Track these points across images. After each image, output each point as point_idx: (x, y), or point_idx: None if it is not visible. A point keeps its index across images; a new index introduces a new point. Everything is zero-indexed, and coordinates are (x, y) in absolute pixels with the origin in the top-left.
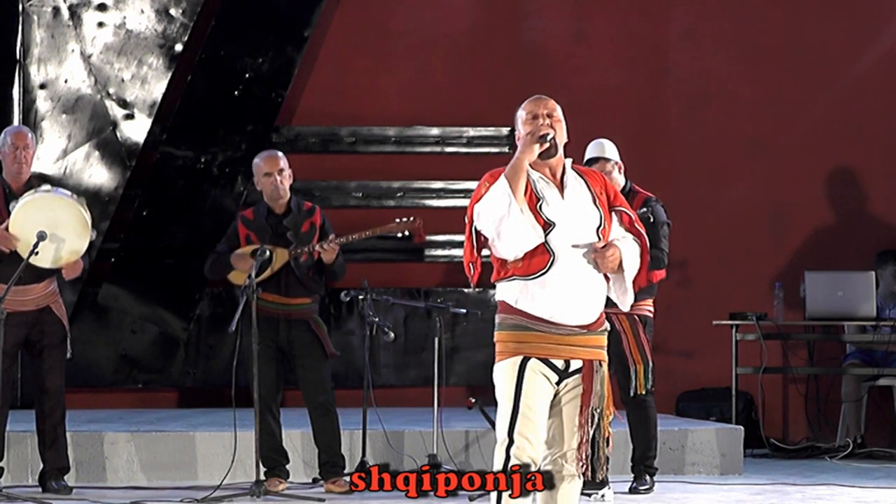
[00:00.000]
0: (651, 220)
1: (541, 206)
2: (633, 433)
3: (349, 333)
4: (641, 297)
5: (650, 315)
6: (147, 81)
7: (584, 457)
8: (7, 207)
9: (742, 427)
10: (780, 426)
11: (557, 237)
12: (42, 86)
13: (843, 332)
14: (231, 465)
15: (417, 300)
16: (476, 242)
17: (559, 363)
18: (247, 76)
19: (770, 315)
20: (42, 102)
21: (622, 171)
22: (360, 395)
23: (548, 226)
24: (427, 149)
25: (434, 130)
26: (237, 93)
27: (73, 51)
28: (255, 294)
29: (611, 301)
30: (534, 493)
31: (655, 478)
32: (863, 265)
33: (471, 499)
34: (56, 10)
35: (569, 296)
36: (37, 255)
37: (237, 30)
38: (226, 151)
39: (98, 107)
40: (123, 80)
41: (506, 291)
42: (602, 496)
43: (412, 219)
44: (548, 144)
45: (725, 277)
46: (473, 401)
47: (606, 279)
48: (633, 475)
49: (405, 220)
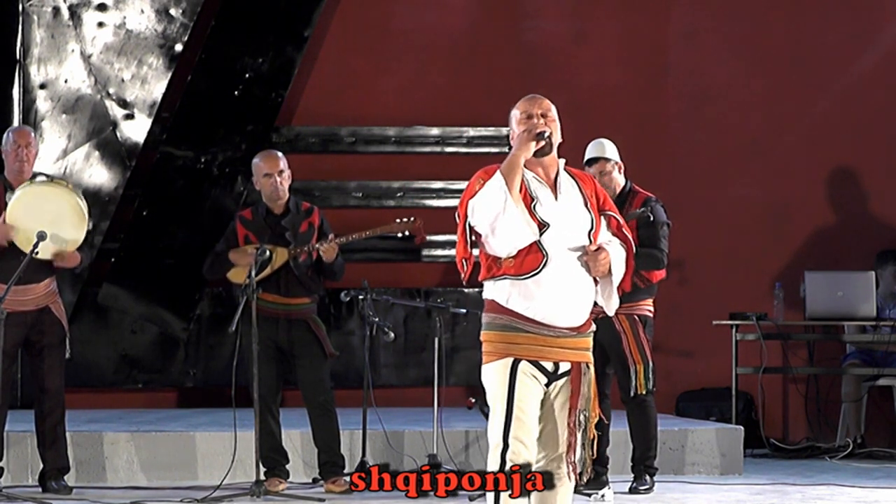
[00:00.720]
0: (651, 220)
1: (535, 207)
2: (633, 433)
3: (349, 333)
4: (641, 297)
5: (650, 315)
6: (147, 81)
7: (576, 459)
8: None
9: (742, 427)
10: (780, 426)
11: (551, 238)
12: (42, 86)
13: (843, 332)
14: (231, 465)
15: (417, 300)
16: (469, 239)
17: (548, 365)
18: (247, 76)
19: (770, 315)
20: (42, 102)
21: (622, 171)
22: (360, 395)
23: (542, 226)
24: (427, 149)
25: (434, 130)
26: (237, 93)
27: (73, 51)
28: (255, 294)
29: None
30: (528, 496)
31: (655, 478)
32: (863, 265)
33: (471, 499)
34: (56, 10)
35: (560, 297)
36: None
37: (237, 30)
38: (226, 151)
39: (98, 107)
40: (123, 80)
41: (495, 291)
42: (602, 496)
43: (412, 219)
44: (544, 142)
45: (725, 277)
46: (473, 401)
47: (595, 283)
48: (633, 475)
49: (405, 221)
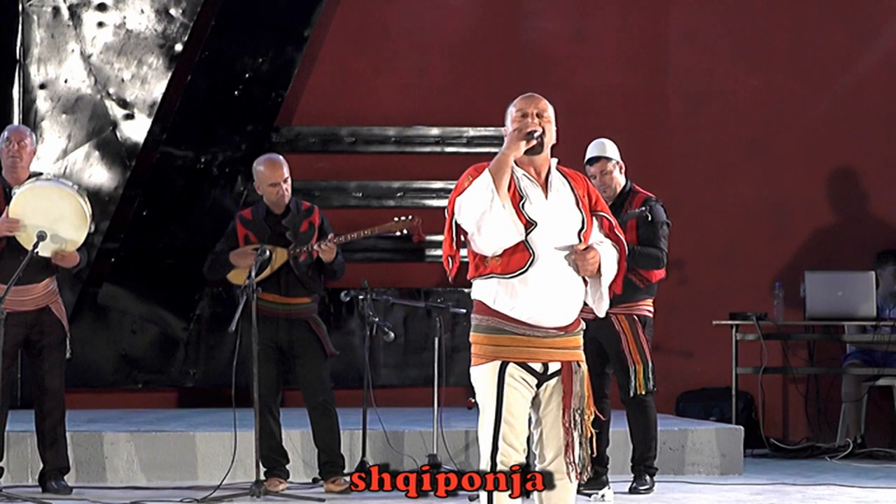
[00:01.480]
0: (650, 220)
1: (523, 205)
2: (633, 433)
3: (349, 333)
4: (641, 297)
5: (650, 315)
6: (147, 81)
7: (575, 459)
8: (7, 205)
9: (742, 427)
10: (780, 426)
11: (538, 237)
12: (42, 86)
13: (843, 332)
14: (231, 465)
15: (417, 300)
16: (455, 236)
17: (537, 366)
18: (247, 76)
19: (770, 315)
20: (42, 102)
21: (622, 171)
22: (360, 395)
23: (529, 225)
24: (427, 149)
25: (434, 130)
26: (237, 93)
27: (73, 51)
28: (255, 294)
29: (610, 301)
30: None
31: (655, 478)
32: (863, 265)
33: (471, 499)
34: (56, 10)
35: (547, 297)
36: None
37: (237, 30)
38: (226, 151)
39: (98, 107)
40: (123, 80)
41: (483, 291)
42: (602, 496)
43: (410, 217)
44: (535, 142)
45: (725, 277)
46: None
47: (585, 282)
48: (633, 475)
49: (403, 220)
